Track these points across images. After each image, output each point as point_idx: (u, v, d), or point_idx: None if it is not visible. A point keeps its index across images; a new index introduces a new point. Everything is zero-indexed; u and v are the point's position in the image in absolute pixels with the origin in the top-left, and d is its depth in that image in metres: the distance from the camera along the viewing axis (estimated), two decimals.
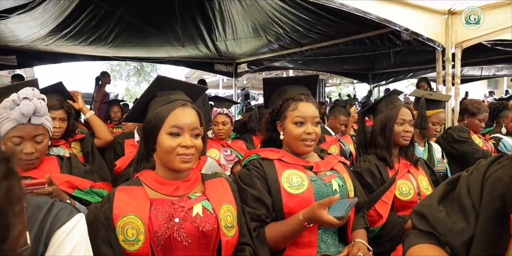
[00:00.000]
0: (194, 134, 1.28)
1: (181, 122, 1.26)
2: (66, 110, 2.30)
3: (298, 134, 1.50)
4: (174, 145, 1.24)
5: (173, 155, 1.24)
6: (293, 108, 1.53)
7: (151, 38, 5.71)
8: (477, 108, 2.96)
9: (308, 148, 1.51)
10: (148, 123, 1.29)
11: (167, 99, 1.32)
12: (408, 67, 9.14)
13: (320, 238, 1.47)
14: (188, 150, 1.25)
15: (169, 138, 1.25)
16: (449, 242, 0.86)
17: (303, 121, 1.51)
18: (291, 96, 1.55)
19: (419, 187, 1.89)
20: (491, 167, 0.87)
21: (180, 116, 1.27)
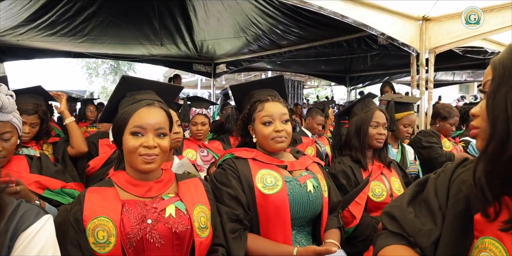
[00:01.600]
0: (158, 134, 1.25)
1: (144, 122, 1.23)
2: (40, 116, 2.20)
3: (268, 133, 1.51)
4: (136, 145, 1.22)
5: (135, 156, 1.22)
6: (260, 109, 1.54)
7: (128, 35, 5.61)
8: (449, 112, 3.06)
9: (280, 144, 1.52)
10: (115, 123, 1.28)
11: (133, 99, 1.30)
12: (384, 71, 9.36)
13: (294, 238, 1.48)
14: (151, 151, 1.22)
15: (131, 138, 1.23)
16: (418, 243, 0.89)
17: (271, 120, 1.52)
18: (258, 99, 1.57)
19: (391, 188, 1.93)
20: (457, 170, 0.90)
21: (144, 116, 1.25)
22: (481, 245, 0.75)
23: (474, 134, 0.80)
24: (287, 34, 5.35)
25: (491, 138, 0.71)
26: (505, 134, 0.68)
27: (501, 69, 0.72)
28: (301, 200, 1.47)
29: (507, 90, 0.69)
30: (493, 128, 0.70)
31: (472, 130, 0.81)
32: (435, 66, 4.58)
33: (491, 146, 0.71)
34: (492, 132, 0.70)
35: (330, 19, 3.79)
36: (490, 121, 0.71)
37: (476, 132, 0.79)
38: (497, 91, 0.71)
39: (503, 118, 0.68)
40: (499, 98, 0.70)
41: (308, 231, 1.56)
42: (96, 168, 2.41)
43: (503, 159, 0.68)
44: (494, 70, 0.73)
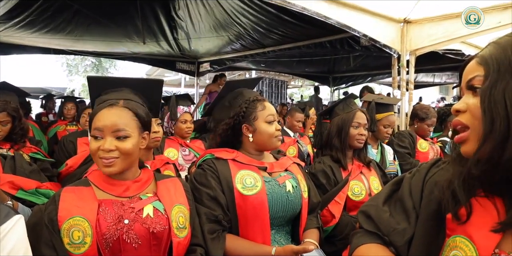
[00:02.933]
0: (117, 136, 1.19)
1: (102, 124, 1.19)
2: (9, 113, 2.09)
3: (272, 131, 1.54)
4: (95, 148, 1.19)
5: (96, 158, 1.20)
6: (261, 108, 1.55)
7: (110, 33, 5.52)
8: (426, 113, 3.12)
9: (279, 142, 1.58)
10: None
11: (99, 100, 1.28)
12: (367, 72, 9.48)
13: (273, 238, 1.48)
14: (108, 154, 1.18)
15: (93, 140, 1.21)
16: (392, 242, 0.90)
17: (274, 119, 1.56)
18: (254, 98, 1.56)
19: (370, 188, 1.96)
20: (431, 170, 0.92)
21: (101, 117, 1.20)
22: (453, 243, 0.77)
23: (462, 139, 0.75)
24: (271, 33, 5.37)
25: (487, 136, 0.68)
26: (506, 132, 0.66)
27: (496, 65, 0.70)
28: (280, 200, 1.48)
29: (505, 87, 0.67)
30: (491, 126, 0.67)
31: (460, 135, 0.76)
32: (416, 68, 4.66)
33: (488, 146, 0.68)
34: (490, 130, 0.68)
35: (314, 19, 3.81)
36: (487, 118, 0.68)
37: (465, 136, 0.74)
38: (493, 87, 0.68)
39: (503, 116, 0.66)
40: (497, 95, 0.67)
41: (287, 231, 1.57)
42: (74, 167, 2.36)
43: (503, 159, 0.66)
44: (487, 66, 0.71)
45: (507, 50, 0.70)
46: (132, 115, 1.24)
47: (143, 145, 1.29)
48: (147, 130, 1.31)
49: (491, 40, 0.77)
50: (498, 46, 0.72)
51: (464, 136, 0.75)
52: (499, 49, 0.71)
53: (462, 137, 0.75)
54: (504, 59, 0.69)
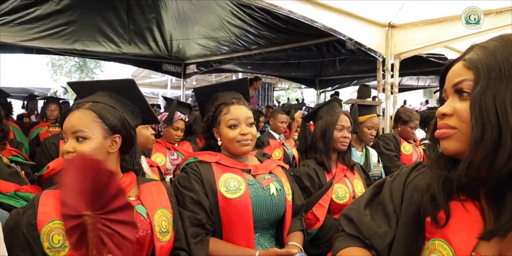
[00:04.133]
0: (76, 138, 1.18)
1: (64, 126, 1.21)
2: None
3: (233, 136, 1.51)
4: (62, 150, 1.20)
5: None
6: (225, 112, 1.54)
7: (96, 33, 5.43)
8: (409, 116, 3.17)
9: (245, 147, 1.52)
10: None
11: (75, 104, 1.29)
12: (353, 75, 9.58)
13: (257, 241, 1.48)
14: (66, 156, 1.18)
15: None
16: (373, 245, 0.91)
17: (237, 124, 1.52)
18: (223, 101, 1.56)
19: (354, 191, 1.98)
20: (411, 174, 0.93)
21: (66, 120, 1.21)
22: (431, 246, 0.78)
23: (447, 134, 0.75)
24: (258, 38, 5.38)
25: (478, 143, 0.68)
26: (497, 141, 0.66)
27: (486, 71, 0.69)
28: (264, 203, 1.47)
29: (495, 94, 0.67)
30: (482, 134, 0.67)
31: (443, 130, 0.75)
32: (401, 71, 4.73)
33: (480, 152, 0.68)
34: (481, 138, 0.67)
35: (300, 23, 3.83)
36: (478, 125, 0.68)
37: (450, 133, 0.74)
38: (484, 93, 0.68)
39: (495, 124, 0.66)
40: (488, 102, 0.67)
41: (272, 234, 1.57)
42: (56, 169, 2.31)
43: (495, 166, 0.66)
44: (477, 71, 0.71)
45: (497, 56, 0.70)
46: (94, 117, 1.21)
47: (112, 149, 1.25)
48: (118, 133, 1.26)
49: (474, 43, 0.77)
50: (486, 51, 0.72)
51: (448, 133, 0.74)
52: (488, 54, 0.71)
53: (446, 133, 0.75)
54: (494, 65, 0.69)
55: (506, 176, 0.66)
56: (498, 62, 0.69)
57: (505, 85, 0.67)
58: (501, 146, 0.65)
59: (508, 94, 0.67)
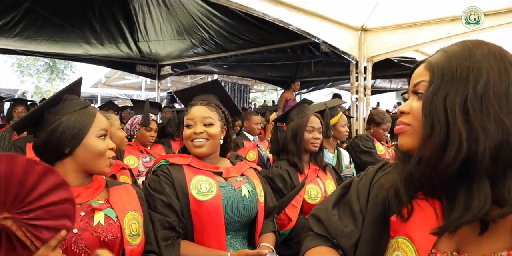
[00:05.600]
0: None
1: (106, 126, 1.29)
2: None
3: (187, 134, 1.55)
4: (106, 147, 1.26)
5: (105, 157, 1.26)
6: (187, 112, 1.59)
7: (65, 33, 5.27)
8: (382, 118, 3.25)
9: (198, 149, 1.53)
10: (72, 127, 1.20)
11: (84, 103, 1.28)
12: (328, 77, 9.69)
13: (229, 243, 1.48)
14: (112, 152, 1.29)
15: (99, 140, 1.25)
16: (340, 245, 0.92)
17: (192, 123, 1.55)
18: (190, 103, 1.62)
19: (326, 191, 2.01)
20: (377, 174, 0.95)
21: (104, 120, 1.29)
22: (395, 244, 0.80)
23: (401, 130, 0.79)
24: (233, 38, 5.37)
25: (426, 140, 0.71)
26: (445, 139, 0.68)
27: (440, 73, 0.73)
28: (236, 205, 1.48)
29: (446, 95, 0.70)
30: (430, 130, 0.70)
31: (399, 126, 0.80)
32: (373, 74, 4.83)
33: (428, 149, 0.71)
34: (429, 134, 0.70)
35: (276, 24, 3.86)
36: (428, 123, 0.71)
37: (405, 129, 0.78)
38: (435, 94, 0.71)
39: (443, 123, 0.69)
40: (438, 102, 0.70)
41: (244, 235, 1.57)
42: None
43: (442, 164, 0.69)
44: (432, 73, 0.74)
45: (452, 60, 0.73)
46: None
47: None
48: None
49: (441, 47, 0.80)
50: (445, 54, 0.75)
51: (403, 129, 0.79)
52: (445, 58, 0.74)
53: (401, 128, 0.79)
54: (448, 68, 0.72)
55: (455, 175, 0.69)
56: (451, 66, 0.72)
57: (456, 88, 0.70)
58: (448, 144, 0.68)
59: (457, 96, 0.69)
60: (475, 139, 0.66)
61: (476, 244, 0.71)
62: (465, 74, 0.70)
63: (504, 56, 0.72)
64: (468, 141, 0.66)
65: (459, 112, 0.68)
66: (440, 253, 0.74)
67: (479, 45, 0.74)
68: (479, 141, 0.66)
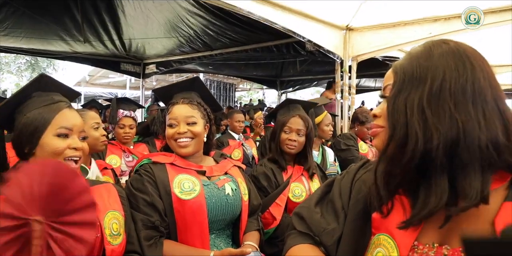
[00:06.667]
0: (83, 137, 1.22)
1: (71, 123, 1.19)
2: None
3: (170, 134, 1.53)
4: (64, 146, 1.16)
5: (61, 158, 1.15)
6: (169, 111, 1.57)
7: (46, 29, 5.15)
8: (365, 117, 3.28)
9: (183, 149, 1.52)
10: (29, 124, 1.16)
11: (51, 100, 1.21)
12: (313, 76, 9.74)
13: (212, 242, 1.47)
14: (78, 152, 1.18)
15: (57, 139, 1.16)
16: (322, 242, 0.93)
17: (175, 123, 1.53)
18: (171, 101, 1.59)
19: (310, 189, 2.01)
20: (359, 171, 0.96)
21: (69, 117, 1.20)
22: (377, 241, 0.81)
23: (376, 133, 0.82)
24: (219, 37, 5.34)
25: (390, 140, 0.74)
26: (404, 138, 0.70)
27: (402, 75, 0.74)
28: (219, 203, 1.47)
29: (407, 96, 0.72)
30: (393, 131, 0.73)
31: (373, 129, 0.83)
32: (358, 73, 4.87)
33: (391, 148, 0.73)
34: (392, 135, 0.73)
35: (261, 24, 3.85)
36: (390, 123, 0.74)
37: (379, 131, 0.81)
38: (397, 96, 0.73)
39: (403, 123, 0.71)
40: (399, 103, 0.72)
41: (228, 234, 1.56)
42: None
43: (402, 161, 0.71)
44: (396, 75, 0.76)
45: (413, 61, 0.74)
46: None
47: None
48: None
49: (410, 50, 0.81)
50: (408, 56, 0.77)
51: (377, 131, 0.82)
52: (408, 60, 0.76)
53: (376, 131, 0.82)
54: (409, 69, 0.74)
55: (415, 171, 0.72)
56: (412, 67, 0.74)
57: (416, 88, 0.72)
58: (407, 143, 0.70)
59: (416, 96, 0.71)
60: (430, 137, 0.68)
61: (458, 236, 0.72)
62: (424, 74, 0.72)
63: (463, 53, 0.73)
64: (424, 138, 0.68)
65: (416, 111, 0.70)
66: (422, 245, 0.75)
67: (439, 44, 0.75)
68: (433, 139, 0.68)
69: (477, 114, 0.68)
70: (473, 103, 0.68)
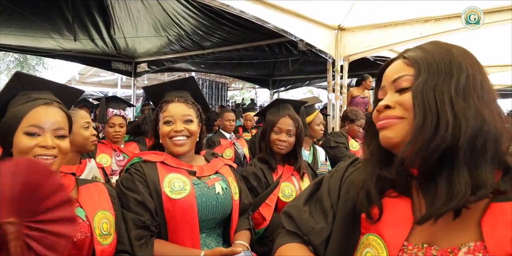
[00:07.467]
0: (58, 135, 1.17)
1: (42, 121, 1.14)
2: None
3: (166, 131, 1.52)
4: (31, 145, 1.12)
5: (29, 157, 1.12)
6: (164, 109, 1.56)
7: (35, 26, 5.08)
8: (355, 115, 3.32)
9: (179, 148, 1.51)
10: (3, 124, 1.16)
11: (27, 98, 1.19)
12: (305, 75, 9.76)
13: (203, 242, 1.47)
14: (49, 151, 1.13)
15: (26, 138, 1.12)
16: (311, 241, 0.93)
17: (171, 120, 1.53)
18: (165, 99, 1.58)
19: (301, 189, 2.01)
20: (348, 169, 0.96)
21: (41, 114, 1.16)
22: (366, 241, 0.81)
23: (389, 124, 0.77)
24: (210, 36, 5.33)
25: (420, 129, 0.72)
26: (436, 127, 0.70)
27: (426, 66, 0.75)
28: (209, 202, 1.47)
29: (434, 87, 0.73)
30: (423, 121, 0.72)
31: (387, 120, 0.78)
32: (350, 73, 4.90)
33: (421, 139, 0.71)
34: (422, 124, 0.71)
35: (252, 24, 3.85)
36: (420, 113, 0.72)
37: (395, 122, 0.77)
38: (425, 83, 0.74)
39: (434, 112, 0.71)
40: (429, 92, 0.73)
41: (219, 233, 1.56)
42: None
43: (432, 149, 0.70)
44: (418, 66, 0.76)
45: (434, 55, 0.77)
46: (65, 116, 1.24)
47: None
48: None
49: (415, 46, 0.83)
50: (424, 51, 0.79)
51: (393, 122, 0.77)
52: (427, 54, 0.78)
53: (391, 122, 0.78)
54: (432, 62, 0.76)
55: (437, 162, 0.72)
56: (435, 60, 0.76)
57: (442, 80, 0.74)
58: (438, 132, 0.71)
59: (445, 87, 0.73)
60: (459, 127, 0.70)
61: (446, 236, 0.73)
62: (449, 68, 0.75)
63: (472, 55, 0.78)
64: (454, 127, 0.70)
65: (447, 101, 0.72)
66: (411, 245, 0.75)
67: (451, 45, 0.79)
68: (461, 129, 0.70)
69: (491, 109, 0.72)
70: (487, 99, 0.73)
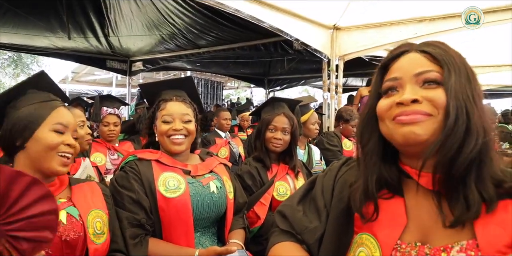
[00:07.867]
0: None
1: (66, 120, 1.21)
2: None
3: (165, 130, 1.52)
4: (59, 141, 1.17)
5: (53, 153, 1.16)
6: (162, 108, 1.56)
7: (29, 25, 5.04)
8: (350, 115, 3.32)
9: (176, 147, 1.52)
10: (21, 118, 1.17)
11: (46, 97, 1.23)
12: (301, 75, 9.77)
13: (198, 241, 1.47)
14: (72, 149, 1.20)
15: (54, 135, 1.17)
16: (304, 240, 0.93)
17: (171, 119, 1.53)
18: (163, 98, 1.59)
19: (295, 188, 2.01)
20: (342, 168, 0.96)
21: (65, 114, 1.23)
22: (359, 240, 0.81)
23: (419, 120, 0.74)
24: (205, 35, 5.31)
25: (451, 129, 0.70)
26: (467, 128, 0.70)
27: (452, 67, 0.75)
28: (204, 201, 1.47)
29: (462, 89, 0.73)
30: (455, 121, 0.71)
31: (413, 116, 0.74)
32: (345, 72, 4.91)
33: (453, 138, 0.70)
34: (454, 124, 0.71)
35: (247, 23, 3.85)
36: (453, 112, 0.71)
37: (422, 119, 0.73)
38: (457, 84, 0.73)
39: (466, 113, 0.71)
40: (463, 95, 0.72)
41: (213, 232, 1.56)
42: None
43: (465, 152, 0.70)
44: (446, 65, 0.75)
45: (454, 57, 0.77)
46: None
47: None
48: None
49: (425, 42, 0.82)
50: (443, 50, 0.78)
51: (421, 119, 0.74)
52: (447, 53, 0.77)
53: (419, 118, 0.74)
54: (454, 63, 0.76)
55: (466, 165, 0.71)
56: (457, 62, 0.77)
57: (464, 84, 0.75)
58: (469, 134, 0.71)
59: (469, 91, 0.74)
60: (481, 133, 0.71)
61: (439, 235, 0.73)
62: (468, 72, 0.77)
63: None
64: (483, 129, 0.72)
65: (474, 103, 0.73)
66: (405, 244, 0.76)
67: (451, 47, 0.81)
68: (479, 136, 0.71)
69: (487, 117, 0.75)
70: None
